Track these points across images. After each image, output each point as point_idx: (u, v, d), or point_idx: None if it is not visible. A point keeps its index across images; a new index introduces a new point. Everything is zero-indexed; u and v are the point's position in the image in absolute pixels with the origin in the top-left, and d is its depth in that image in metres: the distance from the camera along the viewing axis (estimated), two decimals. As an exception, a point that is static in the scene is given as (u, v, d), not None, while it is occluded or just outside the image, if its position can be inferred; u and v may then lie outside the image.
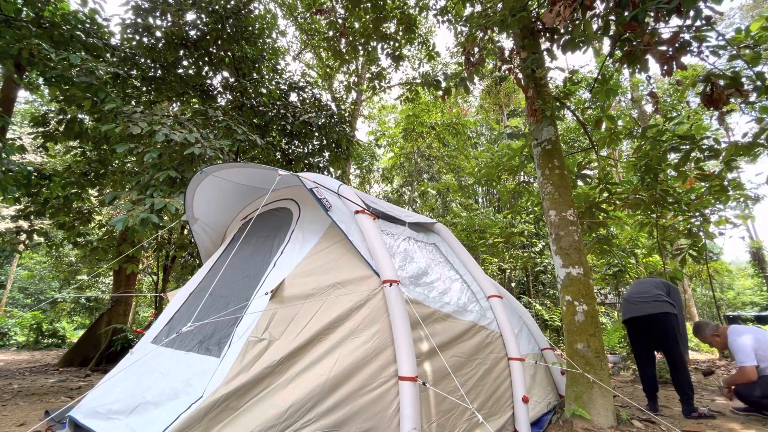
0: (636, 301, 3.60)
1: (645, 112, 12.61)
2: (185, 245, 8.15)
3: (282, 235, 2.73)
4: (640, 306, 3.55)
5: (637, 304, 3.57)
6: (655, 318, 3.45)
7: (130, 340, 6.82)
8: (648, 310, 3.48)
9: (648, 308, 3.49)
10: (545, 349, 3.53)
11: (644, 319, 3.51)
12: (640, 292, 3.65)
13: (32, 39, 4.62)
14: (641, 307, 3.54)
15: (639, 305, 3.56)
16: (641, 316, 3.51)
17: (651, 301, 3.51)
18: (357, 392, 1.88)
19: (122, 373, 2.32)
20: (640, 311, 3.52)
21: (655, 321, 3.45)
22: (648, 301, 3.52)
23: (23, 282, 18.19)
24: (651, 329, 3.52)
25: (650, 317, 3.47)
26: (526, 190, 6.47)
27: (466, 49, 4.33)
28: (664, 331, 3.44)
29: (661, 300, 3.48)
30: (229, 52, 6.52)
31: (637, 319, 3.56)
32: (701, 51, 2.81)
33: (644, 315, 3.49)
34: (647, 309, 3.49)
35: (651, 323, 3.49)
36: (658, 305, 3.46)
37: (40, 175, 5.44)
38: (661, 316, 3.43)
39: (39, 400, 3.92)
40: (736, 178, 4.20)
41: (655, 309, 3.45)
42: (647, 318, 3.48)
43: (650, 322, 3.49)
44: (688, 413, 3.31)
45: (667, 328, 3.43)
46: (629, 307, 3.64)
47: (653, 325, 3.48)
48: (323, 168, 7.85)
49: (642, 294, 3.62)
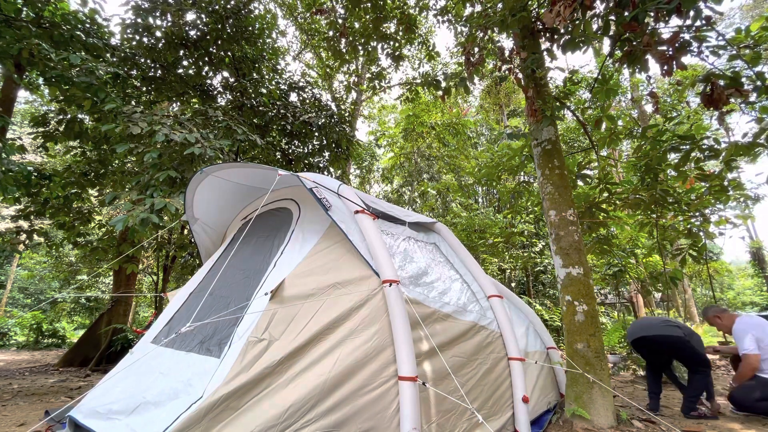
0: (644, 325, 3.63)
1: (645, 112, 12.62)
2: (185, 245, 8.15)
3: (282, 235, 2.73)
4: (647, 328, 3.56)
5: (645, 327, 3.59)
6: (663, 339, 3.44)
7: (130, 340, 6.82)
8: (655, 331, 3.49)
9: (655, 330, 3.49)
10: (551, 348, 3.53)
11: (652, 340, 3.50)
12: (649, 320, 3.71)
13: (32, 39, 4.62)
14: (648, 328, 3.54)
15: (647, 328, 3.57)
16: (647, 336, 3.51)
17: (659, 325, 3.53)
18: (357, 392, 1.88)
19: (122, 373, 2.32)
20: (647, 331, 3.52)
21: (666, 343, 3.44)
22: (655, 324, 3.55)
23: (23, 282, 18.18)
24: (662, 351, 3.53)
25: (658, 338, 3.46)
26: (526, 190, 6.47)
27: (466, 49, 4.33)
28: (679, 350, 3.44)
29: (671, 325, 3.49)
30: (229, 52, 6.52)
31: (645, 340, 3.55)
32: (701, 51, 2.81)
33: (651, 335, 3.48)
34: (654, 330, 3.49)
35: (661, 344, 3.48)
36: (668, 329, 3.46)
37: (40, 175, 5.44)
38: (669, 338, 3.41)
39: (39, 400, 3.92)
40: (736, 178, 4.20)
41: (663, 331, 3.46)
42: (655, 339, 3.48)
43: (660, 343, 3.48)
44: (687, 412, 3.31)
45: (681, 348, 3.40)
46: (635, 329, 3.63)
47: (663, 346, 3.48)
48: (323, 168, 7.85)
49: (650, 320, 3.69)
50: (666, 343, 3.44)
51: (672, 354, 3.56)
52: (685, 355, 3.46)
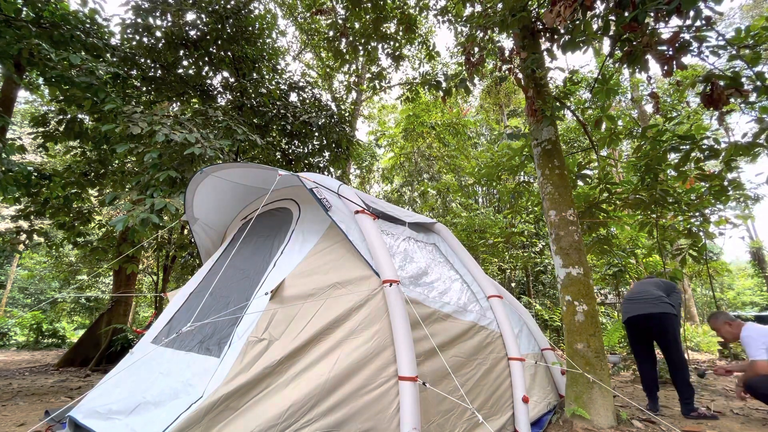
0: (637, 301, 3.62)
1: (645, 112, 12.61)
2: (185, 245, 8.15)
3: (282, 235, 2.73)
4: (641, 305, 3.56)
5: (638, 303, 3.59)
6: (655, 317, 3.46)
7: (130, 340, 6.82)
8: (648, 309, 3.49)
9: (648, 307, 3.50)
10: (545, 350, 3.53)
11: (645, 318, 3.52)
12: (641, 292, 3.66)
13: (32, 39, 4.62)
14: (642, 306, 3.55)
15: (640, 304, 3.57)
16: (641, 315, 3.53)
17: (651, 301, 3.52)
18: (357, 392, 1.88)
19: (122, 373, 2.32)
20: (641, 310, 3.54)
21: (655, 320, 3.47)
22: (649, 301, 3.54)
23: (23, 282, 18.17)
24: (651, 329, 3.53)
25: (650, 316, 3.48)
26: (526, 190, 6.47)
27: (466, 49, 4.33)
28: (664, 331, 3.45)
29: (662, 301, 3.50)
30: (229, 52, 6.52)
31: (638, 318, 3.57)
32: (701, 51, 2.81)
33: (644, 314, 3.50)
34: (648, 308, 3.50)
35: (651, 322, 3.50)
36: (659, 305, 3.47)
37: (40, 175, 5.43)
38: (661, 315, 3.44)
39: (39, 400, 3.92)
40: (736, 178, 4.20)
41: (655, 309, 3.47)
42: (647, 317, 3.49)
43: (650, 322, 3.50)
44: (687, 413, 3.31)
45: (667, 328, 3.44)
46: (630, 307, 3.65)
47: (653, 324, 3.49)
48: (323, 168, 7.85)
49: (643, 294, 3.64)
50: (660, 323, 3.42)
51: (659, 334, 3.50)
52: (669, 338, 3.42)
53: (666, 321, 3.43)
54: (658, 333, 3.50)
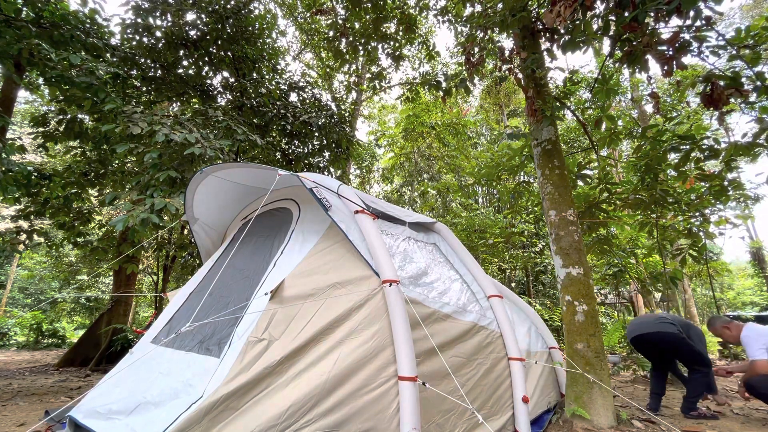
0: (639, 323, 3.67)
1: (645, 112, 12.60)
2: (185, 245, 8.15)
3: (282, 235, 2.73)
4: (642, 326, 3.60)
5: (639, 326, 3.64)
6: (658, 337, 3.46)
7: (130, 340, 6.82)
8: (645, 329, 3.53)
9: (645, 327, 3.54)
10: (553, 348, 3.54)
11: (646, 338, 3.54)
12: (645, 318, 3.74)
13: (32, 39, 4.62)
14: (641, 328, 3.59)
15: (642, 326, 3.61)
16: (637, 336, 3.57)
17: (651, 323, 3.56)
18: (357, 392, 1.88)
19: (122, 373, 2.32)
20: (637, 331, 3.58)
21: (660, 339, 3.46)
22: (650, 322, 3.58)
23: (23, 282, 18.17)
24: (657, 344, 3.55)
25: (653, 335, 3.49)
26: (526, 190, 6.47)
27: (466, 49, 4.33)
28: (676, 348, 3.46)
29: (662, 321, 3.51)
30: (229, 52, 6.52)
31: (635, 339, 3.61)
32: (701, 51, 2.81)
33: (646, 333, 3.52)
34: (645, 329, 3.54)
35: (657, 342, 3.51)
36: (657, 325, 3.50)
37: (40, 175, 5.43)
38: (664, 335, 3.43)
39: (39, 400, 3.92)
40: (736, 178, 4.20)
41: (657, 328, 3.48)
42: (651, 336, 3.50)
43: (656, 341, 3.50)
44: (687, 412, 3.31)
45: (677, 345, 3.43)
46: (632, 327, 3.68)
47: (660, 344, 3.50)
48: (323, 168, 7.85)
49: (645, 317, 3.73)
50: (662, 341, 3.45)
51: (669, 352, 3.55)
52: (682, 352, 3.46)
53: (673, 340, 3.41)
54: (673, 351, 3.52)
